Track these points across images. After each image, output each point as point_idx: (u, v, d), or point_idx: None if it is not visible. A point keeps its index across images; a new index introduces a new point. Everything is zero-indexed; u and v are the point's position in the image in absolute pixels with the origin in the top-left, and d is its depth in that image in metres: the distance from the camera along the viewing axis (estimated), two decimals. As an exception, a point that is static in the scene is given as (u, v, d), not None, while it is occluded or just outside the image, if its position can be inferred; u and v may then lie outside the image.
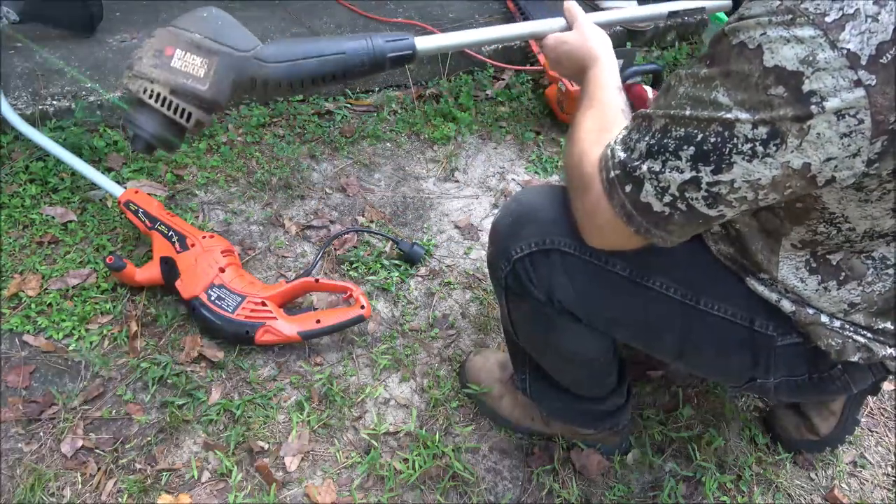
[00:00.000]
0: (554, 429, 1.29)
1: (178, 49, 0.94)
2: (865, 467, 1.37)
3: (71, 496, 1.16)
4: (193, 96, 0.95)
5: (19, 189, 1.61)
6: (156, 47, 0.95)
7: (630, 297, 0.96)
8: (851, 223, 0.79)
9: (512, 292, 1.02)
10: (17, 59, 1.85)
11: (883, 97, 0.64)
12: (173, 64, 0.94)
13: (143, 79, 0.94)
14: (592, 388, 1.19)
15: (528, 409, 1.29)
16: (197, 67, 0.95)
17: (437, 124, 2.01)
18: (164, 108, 0.95)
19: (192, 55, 0.94)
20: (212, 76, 0.95)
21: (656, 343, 1.02)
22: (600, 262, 0.94)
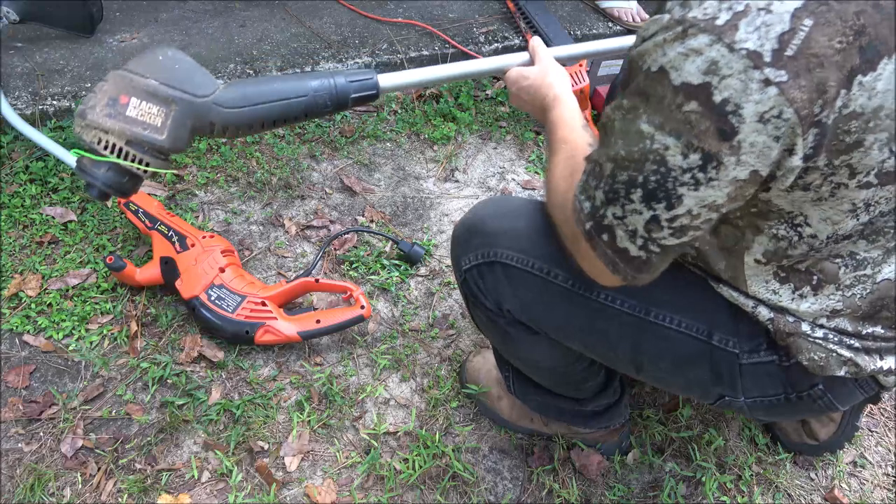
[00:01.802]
0: (553, 429, 1.29)
1: (134, 97, 0.90)
2: (865, 467, 1.37)
3: (71, 496, 1.16)
4: (150, 146, 0.91)
5: (19, 189, 1.61)
6: (110, 94, 0.91)
7: (574, 308, 0.95)
8: (812, 227, 0.76)
9: (468, 301, 1.05)
10: (17, 59, 1.86)
11: (799, 91, 0.62)
12: (129, 113, 0.90)
13: (98, 129, 0.90)
14: (570, 390, 1.19)
15: (526, 410, 1.29)
16: (154, 116, 0.91)
17: (437, 124, 2.01)
18: (119, 156, 0.91)
19: (149, 103, 0.91)
20: (169, 125, 0.91)
21: (610, 355, 1.00)
22: (542, 273, 0.94)
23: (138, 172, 0.93)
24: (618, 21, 2.38)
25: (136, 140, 0.91)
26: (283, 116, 0.96)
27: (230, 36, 2.06)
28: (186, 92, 0.91)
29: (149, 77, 0.91)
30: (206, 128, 0.94)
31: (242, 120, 0.94)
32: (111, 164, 0.92)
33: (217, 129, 0.94)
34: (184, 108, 0.91)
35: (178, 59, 0.94)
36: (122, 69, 0.92)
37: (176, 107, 0.91)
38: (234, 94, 0.94)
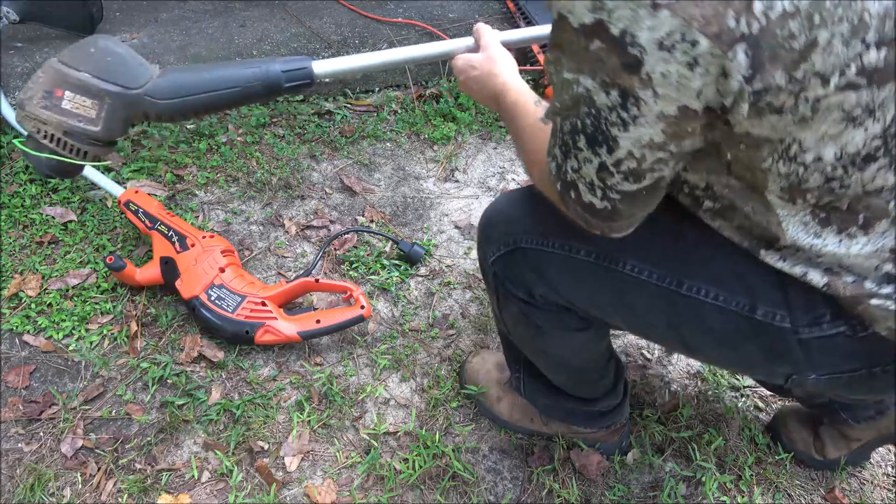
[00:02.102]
0: (553, 429, 1.29)
1: (68, 91, 0.94)
2: (865, 467, 1.37)
3: (71, 496, 1.16)
4: (87, 137, 0.95)
5: (19, 189, 1.61)
6: (45, 87, 0.94)
7: (601, 282, 0.91)
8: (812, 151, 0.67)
9: (499, 297, 1.03)
10: (17, 59, 1.86)
11: (697, 7, 0.57)
12: (64, 105, 0.94)
13: (36, 119, 0.95)
14: (585, 390, 1.19)
15: (526, 410, 1.29)
16: (88, 109, 0.95)
17: (437, 124, 2.01)
18: (59, 147, 0.96)
19: (83, 97, 0.94)
20: (103, 117, 0.95)
21: (650, 332, 0.96)
22: (563, 250, 0.92)
23: (77, 160, 0.98)
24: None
25: (72, 131, 0.95)
26: (215, 105, 1.00)
27: (230, 36, 2.06)
28: (118, 84, 0.94)
29: (81, 70, 0.94)
30: (139, 116, 0.98)
31: (175, 110, 0.97)
32: (51, 150, 0.97)
33: (152, 117, 0.98)
34: (116, 101, 0.95)
35: (110, 50, 0.96)
36: (56, 60, 0.95)
37: (109, 99, 0.94)
38: (166, 85, 0.96)
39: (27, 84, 0.96)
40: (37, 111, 0.94)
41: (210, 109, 1.01)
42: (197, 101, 0.97)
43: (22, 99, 0.95)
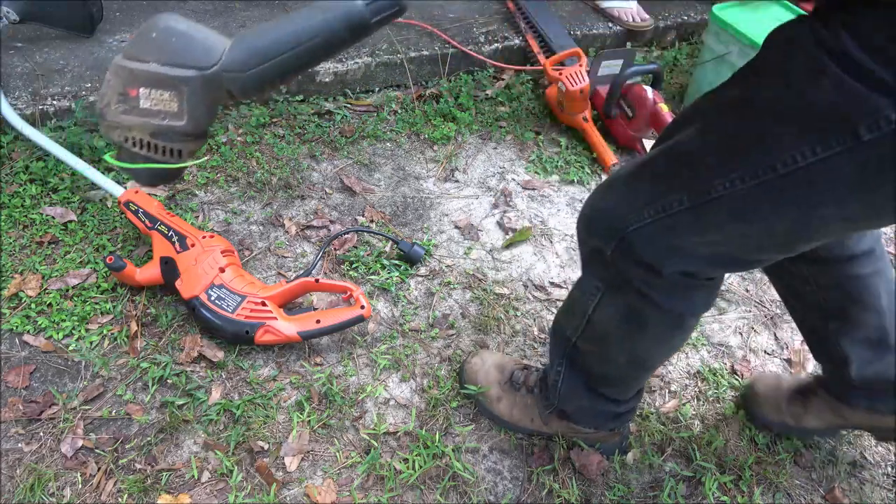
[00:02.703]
0: (553, 428, 1.29)
1: (142, 88, 0.84)
2: (865, 467, 1.37)
3: (71, 496, 1.16)
4: (176, 134, 0.87)
5: (19, 189, 1.61)
6: (118, 90, 0.86)
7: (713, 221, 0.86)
8: None
9: (613, 286, 1.00)
10: (17, 59, 1.86)
11: None
12: (143, 105, 0.85)
13: (120, 128, 0.87)
14: (629, 391, 1.19)
15: (526, 410, 1.29)
16: (167, 102, 0.85)
17: (437, 124, 2.01)
18: (152, 151, 0.88)
19: (158, 90, 0.84)
20: (186, 108, 0.85)
21: (781, 237, 0.86)
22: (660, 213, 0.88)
23: (172, 160, 0.89)
24: (618, 21, 2.38)
25: (159, 132, 0.86)
26: (300, 64, 0.86)
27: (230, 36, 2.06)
28: (191, 67, 0.84)
29: (149, 61, 0.84)
30: (224, 97, 0.87)
31: (259, 80, 0.85)
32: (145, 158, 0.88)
33: (238, 95, 0.87)
34: (194, 86, 0.84)
35: (172, 30, 0.85)
36: (121, 57, 0.86)
37: (186, 87, 0.84)
38: (242, 54, 0.85)
39: (101, 91, 0.87)
40: (118, 118, 0.86)
41: (296, 70, 0.87)
42: (280, 65, 0.84)
43: (100, 109, 0.87)
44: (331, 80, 2.02)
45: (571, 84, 1.91)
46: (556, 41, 2.15)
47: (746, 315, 1.64)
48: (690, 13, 2.52)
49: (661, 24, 2.44)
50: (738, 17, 2.00)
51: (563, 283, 1.64)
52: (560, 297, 1.60)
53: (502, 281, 1.62)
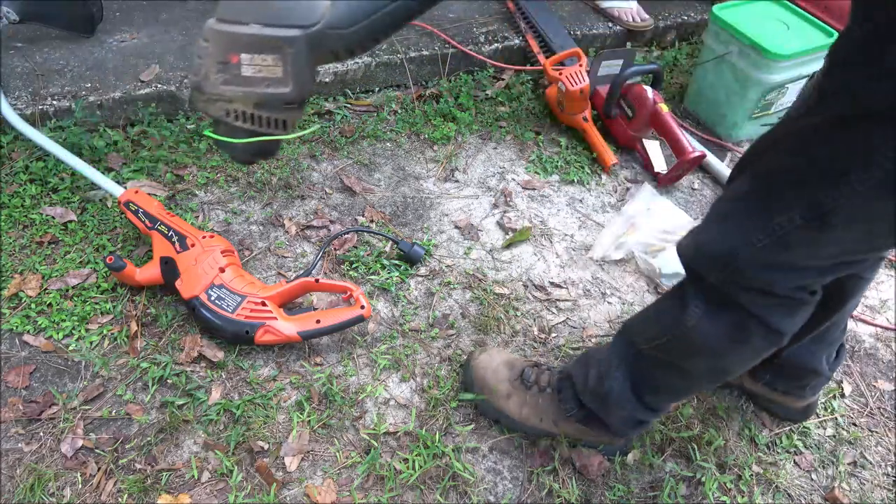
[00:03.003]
0: (562, 429, 1.28)
1: (243, 53, 0.77)
2: (865, 467, 1.37)
3: (71, 496, 1.16)
4: (281, 102, 0.80)
5: (19, 189, 1.61)
6: (217, 58, 0.78)
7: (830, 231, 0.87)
8: None
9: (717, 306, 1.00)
10: (17, 59, 1.86)
11: None
12: (245, 73, 0.78)
13: (220, 100, 0.80)
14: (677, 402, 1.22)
15: (536, 409, 1.28)
16: (271, 68, 0.77)
17: (437, 124, 2.01)
18: (255, 124, 0.81)
19: (261, 55, 0.77)
20: (290, 72, 0.78)
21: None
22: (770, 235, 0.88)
23: (277, 132, 0.83)
24: (618, 21, 2.38)
25: (263, 101, 0.79)
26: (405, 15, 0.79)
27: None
28: (295, 26, 0.76)
29: (249, 22, 0.76)
30: (327, 57, 0.80)
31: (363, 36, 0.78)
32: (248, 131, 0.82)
33: (340, 54, 0.80)
34: (299, 47, 0.77)
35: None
36: (216, 21, 0.78)
37: (290, 48, 0.76)
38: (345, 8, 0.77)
39: (194, 62, 0.79)
40: (218, 89, 0.78)
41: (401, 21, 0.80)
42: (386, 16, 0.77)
43: (196, 81, 0.79)
44: (331, 80, 2.02)
45: (571, 84, 1.91)
46: (556, 41, 2.15)
47: (746, 315, 1.64)
48: (690, 13, 2.51)
49: (661, 24, 2.44)
50: (738, 17, 2.00)
51: (563, 283, 1.64)
52: (560, 297, 1.60)
53: (502, 281, 1.62)
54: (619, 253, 1.71)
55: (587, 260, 1.71)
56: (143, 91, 1.82)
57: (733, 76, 2.03)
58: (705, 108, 2.19)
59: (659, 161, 1.95)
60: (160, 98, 1.84)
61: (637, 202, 1.84)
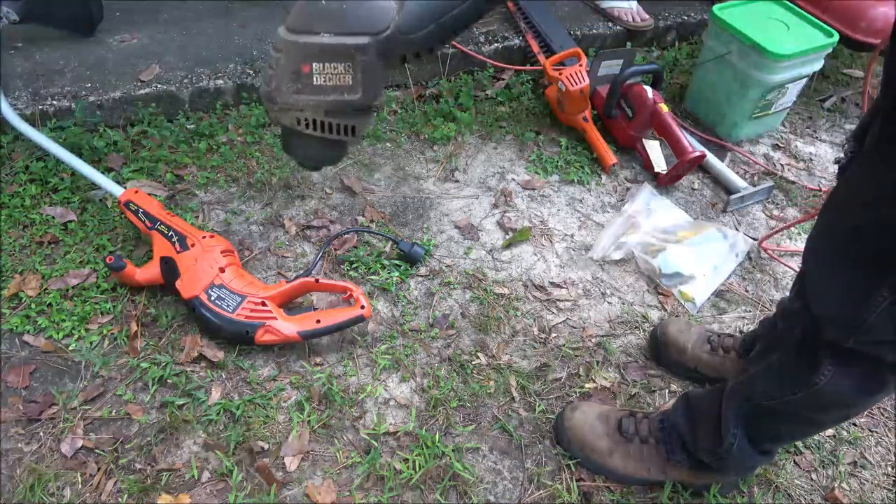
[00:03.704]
0: (670, 476, 1.25)
1: (315, 62, 0.78)
2: (865, 467, 1.37)
3: (71, 496, 1.16)
4: (350, 108, 0.81)
5: (19, 189, 1.61)
6: (290, 68, 0.78)
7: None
8: None
9: (847, 362, 0.98)
10: (17, 59, 1.86)
11: None
12: (316, 82, 0.78)
13: (292, 109, 0.80)
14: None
15: (641, 462, 1.25)
16: (342, 75, 0.78)
17: (437, 124, 2.00)
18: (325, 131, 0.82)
19: (332, 63, 0.77)
20: (360, 79, 0.78)
21: None
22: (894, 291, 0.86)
23: (346, 139, 0.84)
24: (618, 21, 2.38)
25: (334, 108, 0.80)
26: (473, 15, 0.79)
27: (230, 36, 2.06)
28: (365, 33, 0.77)
29: (321, 32, 0.77)
30: (396, 62, 0.81)
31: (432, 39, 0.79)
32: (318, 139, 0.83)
33: (409, 59, 0.81)
34: (369, 54, 0.77)
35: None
36: (286, 31, 0.79)
37: (361, 55, 0.77)
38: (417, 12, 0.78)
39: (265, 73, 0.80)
40: (290, 99, 0.79)
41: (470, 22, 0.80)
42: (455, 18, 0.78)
43: (268, 91, 0.80)
44: (331, 80, 2.02)
45: (571, 84, 1.91)
46: (556, 41, 2.15)
47: (746, 315, 1.64)
48: (690, 13, 2.51)
49: (661, 24, 2.44)
50: (738, 17, 2.00)
51: (563, 283, 1.64)
52: (560, 297, 1.60)
53: (502, 281, 1.62)
54: (619, 253, 1.71)
55: (587, 260, 1.71)
56: (143, 91, 1.82)
57: (733, 76, 2.03)
58: (705, 108, 2.19)
59: (659, 161, 1.95)
60: (160, 98, 1.84)
61: (637, 202, 1.84)
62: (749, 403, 1.12)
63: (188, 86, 1.86)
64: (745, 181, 1.97)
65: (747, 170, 2.07)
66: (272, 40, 0.80)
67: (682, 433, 1.22)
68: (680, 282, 1.66)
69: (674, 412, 1.25)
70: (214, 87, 1.89)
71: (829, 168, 2.14)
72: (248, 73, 1.93)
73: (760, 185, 1.96)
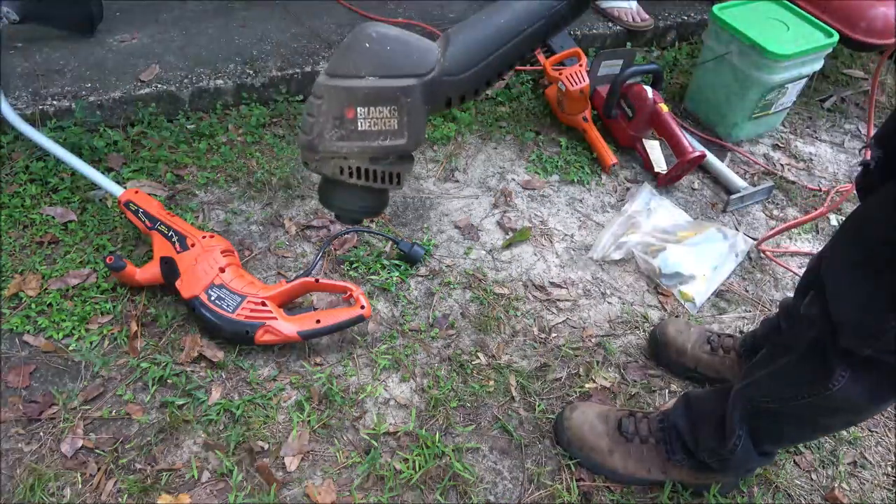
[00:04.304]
0: (671, 476, 1.26)
1: (359, 107, 0.75)
2: (865, 467, 1.37)
3: (71, 496, 1.16)
4: (395, 154, 0.78)
5: (19, 189, 1.61)
6: (333, 114, 0.75)
7: None
8: None
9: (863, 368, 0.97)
10: (17, 59, 1.86)
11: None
12: (361, 128, 0.75)
13: (335, 157, 0.77)
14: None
15: (642, 461, 1.25)
16: (387, 120, 0.75)
17: (437, 124, 2.00)
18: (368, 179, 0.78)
19: (377, 107, 0.75)
20: (406, 122, 0.76)
21: None
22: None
23: (391, 186, 0.81)
24: (618, 21, 2.38)
25: (379, 155, 0.77)
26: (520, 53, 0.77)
27: (230, 36, 2.06)
28: (410, 75, 0.74)
29: (365, 75, 0.74)
30: (441, 105, 0.78)
31: (478, 80, 0.77)
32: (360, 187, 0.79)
33: (454, 101, 0.78)
34: (414, 96, 0.75)
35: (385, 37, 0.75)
36: (329, 78, 0.76)
37: (406, 98, 0.74)
38: (462, 53, 0.75)
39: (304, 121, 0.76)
40: (334, 146, 0.76)
41: (515, 60, 0.78)
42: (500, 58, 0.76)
43: (309, 139, 0.76)
44: (331, 80, 2.02)
45: (571, 84, 1.91)
46: (556, 41, 2.15)
47: (746, 315, 1.64)
48: (690, 13, 2.51)
49: (661, 24, 2.44)
50: (738, 17, 2.00)
51: (563, 283, 1.64)
52: (560, 297, 1.60)
53: (502, 281, 1.62)
54: (619, 253, 1.71)
55: (587, 260, 1.71)
56: (143, 91, 1.82)
57: (733, 76, 2.03)
58: (705, 108, 2.19)
59: (659, 161, 1.95)
60: (160, 98, 1.84)
61: (637, 202, 1.84)
62: (754, 405, 1.11)
63: (188, 86, 1.86)
64: (745, 181, 1.97)
65: (747, 170, 2.07)
66: (311, 88, 0.77)
67: (682, 433, 1.21)
68: (680, 282, 1.66)
69: (674, 412, 1.25)
70: (214, 87, 1.89)
71: (828, 168, 2.14)
72: (248, 73, 1.93)
73: (760, 185, 1.96)
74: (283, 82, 1.96)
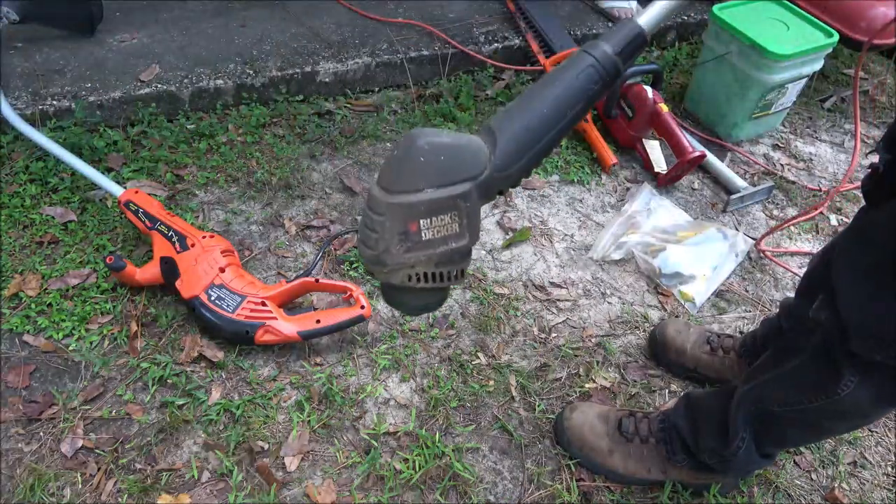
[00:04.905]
0: (671, 476, 1.26)
1: (421, 220, 0.76)
2: (865, 467, 1.37)
3: (71, 496, 1.16)
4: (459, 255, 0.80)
5: (19, 189, 1.61)
6: (397, 230, 0.76)
7: None
8: None
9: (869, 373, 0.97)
10: (17, 59, 1.86)
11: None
12: (425, 238, 0.77)
13: (403, 268, 0.79)
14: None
15: (642, 461, 1.25)
16: (449, 226, 0.77)
17: (437, 124, 2.00)
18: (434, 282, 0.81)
19: (438, 216, 0.77)
20: (466, 224, 0.78)
21: None
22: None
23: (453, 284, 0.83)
24: (618, 21, 2.38)
25: (443, 260, 0.79)
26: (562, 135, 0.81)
27: (230, 36, 2.06)
28: (466, 179, 0.77)
29: (423, 187, 0.76)
30: (493, 197, 0.81)
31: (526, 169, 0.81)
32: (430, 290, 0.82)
33: (504, 192, 0.83)
34: (472, 198, 0.78)
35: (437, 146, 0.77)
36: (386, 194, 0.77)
37: (464, 202, 0.77)
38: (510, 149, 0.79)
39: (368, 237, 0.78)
40: (401, 259, 0.78)
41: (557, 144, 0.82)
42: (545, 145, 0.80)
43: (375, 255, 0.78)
44: (331, 80, 2.02)
45: (571, 84, 1.91)
46: (556, 41, 2.15)
47: (746, 315, 1.64)
48: (690, 13, 2.52)
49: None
50: (738, 17, 2.00)
51: (563, 283, 1.64)
52: (560, 297, 1.60)
53: (502, 281, 1.62)
54: (619, 253, 1.71)
55: (587, 260, 1.71)
56: (143, 91, 1.82)
57: (733, 76, 2.03)
58: (705, 108, 2.19)
59: (659, 161, 1.95)
60: (160, 98, 1.84)
61: (637, 202, 1.84)
62: (758, 408, 1.11)
63: (188, 86, 1.86)
64: (745, 181, 1.97)
65: (747, 170, 2.07)
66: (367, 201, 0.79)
67: (682, 433, 1.21)
68: (680, 282, 1.66)
69: (674, 412, 1.25)
70: (214, 87, 1.89)
71: (828, 168, 2.14)
72: (248, 73, 1.93)
73: (760, 185, 1.96)
74: (283, 82, 1.96)
